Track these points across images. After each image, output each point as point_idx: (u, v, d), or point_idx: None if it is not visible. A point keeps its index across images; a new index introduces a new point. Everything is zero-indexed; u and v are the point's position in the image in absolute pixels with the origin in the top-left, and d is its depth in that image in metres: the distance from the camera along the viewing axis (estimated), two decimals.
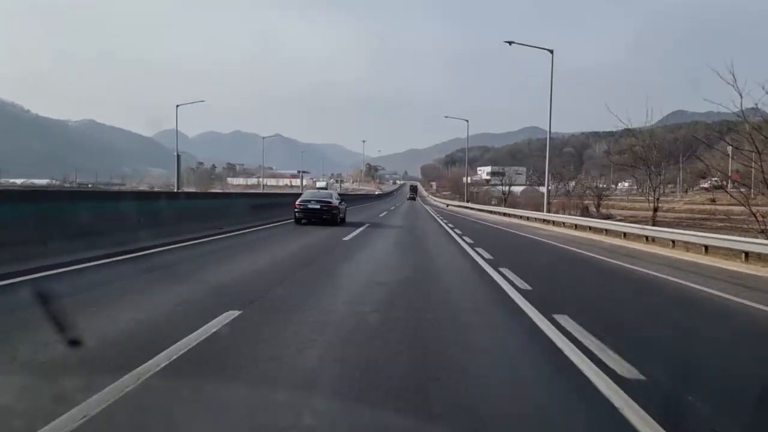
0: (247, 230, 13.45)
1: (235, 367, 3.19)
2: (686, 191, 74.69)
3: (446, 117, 53.30)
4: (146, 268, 7.06)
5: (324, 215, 16.55)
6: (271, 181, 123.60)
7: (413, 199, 76.94)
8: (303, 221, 16.37)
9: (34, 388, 2.78)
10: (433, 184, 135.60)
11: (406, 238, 15.07)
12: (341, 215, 18.11)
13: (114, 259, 7.22)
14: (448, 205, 53.09)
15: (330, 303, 5.20)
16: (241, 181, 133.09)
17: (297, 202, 16.94)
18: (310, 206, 16.63)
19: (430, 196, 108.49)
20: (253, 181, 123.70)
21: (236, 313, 4.29)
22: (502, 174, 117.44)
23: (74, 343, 3.23)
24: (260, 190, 61.23)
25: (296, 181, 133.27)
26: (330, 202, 17.22)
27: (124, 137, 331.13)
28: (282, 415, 2.57)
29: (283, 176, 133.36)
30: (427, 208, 50.24)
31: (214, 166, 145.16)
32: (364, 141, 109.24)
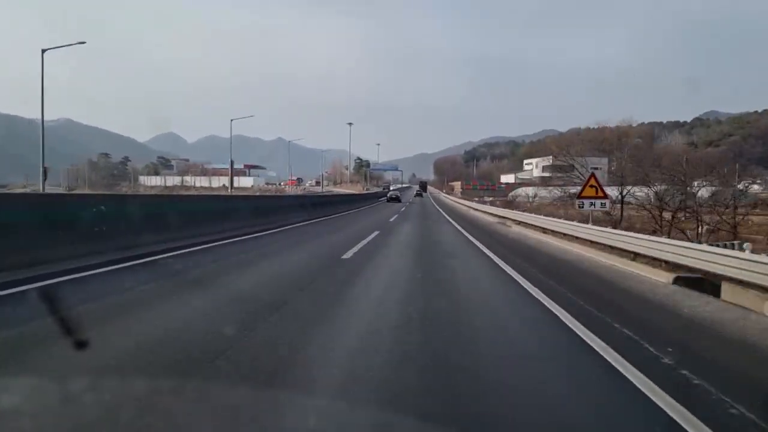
0: None
1: None
2: None
3: None
4: None
5: (396, 199, 48.49)
6: (202, 181, 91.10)
7: (420, 195, 74.12)
8: (389, 201, 47.07)
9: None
10: (456, 185, 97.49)
11: None
12: (401, 197, 53.11)
13: None
14: None
15: None
16: (157, 180, 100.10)
17: (388, 194, 53.87)
18: (392, 195, 51.18)
19: (462, 204, 54.86)
20: (177, 180, 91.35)
21: None
22: (568, 169, 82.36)
23: None
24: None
25: (244, 180, 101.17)
26: (398, 194, 55.18)
27: (107, 139, 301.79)
28: None
29: (221, 173, 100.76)
30: None
31: (126, 159, 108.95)
32: (350, 124, 74.39)
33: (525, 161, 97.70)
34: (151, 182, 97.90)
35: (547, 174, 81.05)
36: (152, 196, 25.08)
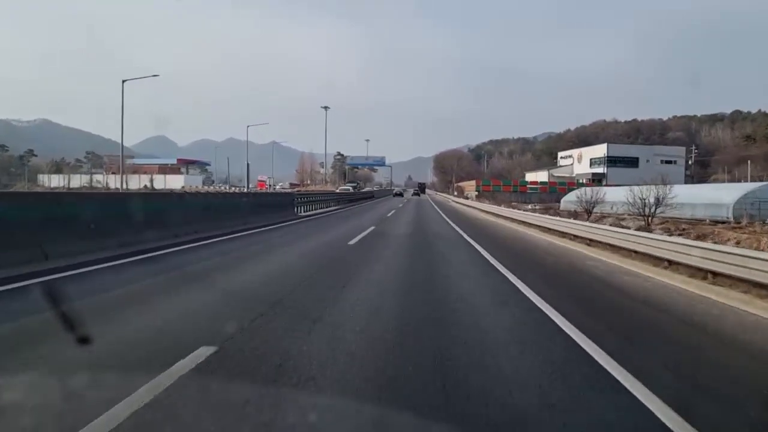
0: None
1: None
2: None
3: None
4: None
5: (399, 194, 69.98)
6: (117, 181, 75.82)
7: (417, 195, 75.81)
8: (396, 196, 66.46)
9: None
10: (468, 185, 73.07)
11: None
12: (403, 193, 76.62)
13: None
14: None
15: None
16: (60, 180, 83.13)
17: (394, 191, 76.57)
18: (397, 192, 75.16)
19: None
20: (84, 179, 76.14)
21: None
22: (629, 162, 65.26)
23: None
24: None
25: (172, 180, 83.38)
26: (402, 192, 77.65)
27: (89, 141, 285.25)
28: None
29: (144, 170, 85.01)
30: None
31: (30, 153, 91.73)
32: (326, 108, 59.45)
33: (560, 154, 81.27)
34: (53, 182, 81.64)
35: (599, 169, 63.44)
36: None
